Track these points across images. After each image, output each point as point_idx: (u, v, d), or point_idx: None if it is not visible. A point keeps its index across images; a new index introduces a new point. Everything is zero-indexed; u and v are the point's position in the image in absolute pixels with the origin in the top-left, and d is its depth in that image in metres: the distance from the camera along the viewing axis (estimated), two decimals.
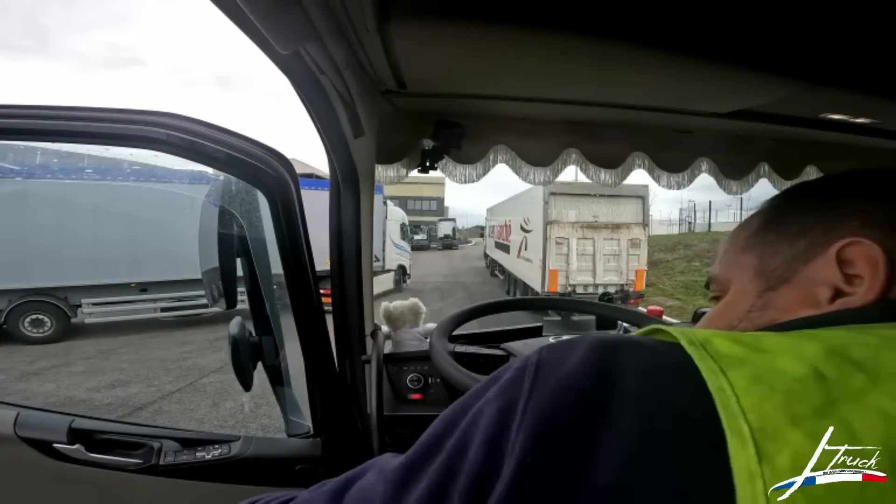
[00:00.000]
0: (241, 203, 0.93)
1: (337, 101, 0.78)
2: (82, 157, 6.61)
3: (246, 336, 0.98)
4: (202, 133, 0.73)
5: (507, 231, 11.84)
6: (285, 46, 0.52)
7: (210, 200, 0.91)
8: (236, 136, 0.77)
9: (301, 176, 0.90)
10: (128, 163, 6.32)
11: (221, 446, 1.00)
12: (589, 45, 0.72)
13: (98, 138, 0.73)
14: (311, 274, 0.91)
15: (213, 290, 0.89)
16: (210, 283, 0.89)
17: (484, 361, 1.06)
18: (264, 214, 0.89)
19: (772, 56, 0.75)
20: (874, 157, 1.44)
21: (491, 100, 1.07)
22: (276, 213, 0.82)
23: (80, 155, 6.55)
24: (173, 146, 0.71)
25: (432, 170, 1.21)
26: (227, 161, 0.76)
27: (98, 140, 0.74)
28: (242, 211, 0.92)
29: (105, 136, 0.72)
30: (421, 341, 1.32)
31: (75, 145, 4.22)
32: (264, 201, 0.83)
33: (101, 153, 4.40)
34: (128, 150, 0.74)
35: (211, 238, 0.86)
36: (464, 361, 0.96)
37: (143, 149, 0.72)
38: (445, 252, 26.52)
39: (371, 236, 1.12)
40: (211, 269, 0.88)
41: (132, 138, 0.71)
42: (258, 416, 4.29)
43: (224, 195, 0.94)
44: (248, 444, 1.02)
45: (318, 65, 0.65)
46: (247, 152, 0.78)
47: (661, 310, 1.69)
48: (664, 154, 1.32)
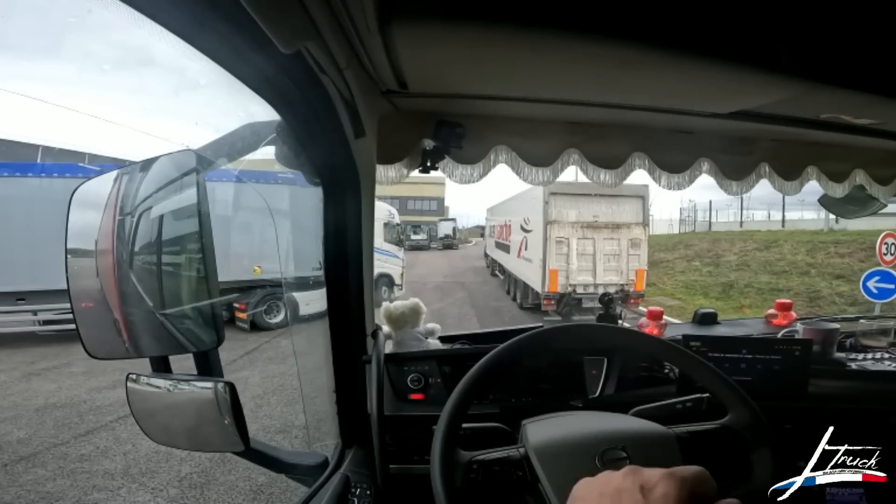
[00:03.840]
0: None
1: (338, 100, 0.78)
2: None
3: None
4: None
5: (507, 231, 11.84)
6: (287, 46, 0.52)
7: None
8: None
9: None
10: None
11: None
12: (590, 46, 0.72)
13: None
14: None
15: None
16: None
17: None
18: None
19: (772, 57, 0.75)
20: (874, 158, 1.44)
21: (492, 100, 1.07)
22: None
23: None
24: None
25: (433, 170, 1.21)
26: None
27: None
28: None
29: None
30: (421, 341, 1.33)
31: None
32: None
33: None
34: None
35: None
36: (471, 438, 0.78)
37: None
38: (445, 252, 26.52)
39: (372, 236, 1.12)
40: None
41: None
42: (258, 416, 4.29)
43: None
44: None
45: (319, 64, 0.65)
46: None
47: (661, 310, 1.68)
48: (665, 154, 1.32)
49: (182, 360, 0.71)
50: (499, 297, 11.69)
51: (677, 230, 20.87)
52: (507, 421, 0.88)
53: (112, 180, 0.67)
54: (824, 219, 13.24)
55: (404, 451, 1.08)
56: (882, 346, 1.45)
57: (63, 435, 4.10)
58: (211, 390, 0.68)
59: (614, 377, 1.18)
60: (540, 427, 0.75)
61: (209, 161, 0.77)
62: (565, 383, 1.18)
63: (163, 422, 0.74)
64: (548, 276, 8.55)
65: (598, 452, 0.65)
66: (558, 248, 8.54)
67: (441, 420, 0.69)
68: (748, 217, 18.26)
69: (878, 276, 5.12)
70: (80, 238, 0.69)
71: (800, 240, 13.06)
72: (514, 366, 1.16)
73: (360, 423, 1.06)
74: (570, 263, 8.57)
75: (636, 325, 1.78)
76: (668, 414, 0.82)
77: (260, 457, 0.90)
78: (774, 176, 1.40)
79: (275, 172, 2.41)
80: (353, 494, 0.95)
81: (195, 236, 0.64)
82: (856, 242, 11.38)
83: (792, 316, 1.70)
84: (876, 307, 5.06)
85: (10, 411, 4.58)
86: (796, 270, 11.74)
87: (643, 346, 0.95)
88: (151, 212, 0.68)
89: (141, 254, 0.68)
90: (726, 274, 12.97)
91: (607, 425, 0.72)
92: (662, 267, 14.52)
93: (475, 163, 1.24)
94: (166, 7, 0.47)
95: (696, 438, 0.70)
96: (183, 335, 0.69)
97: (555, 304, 8.76)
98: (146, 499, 3.19)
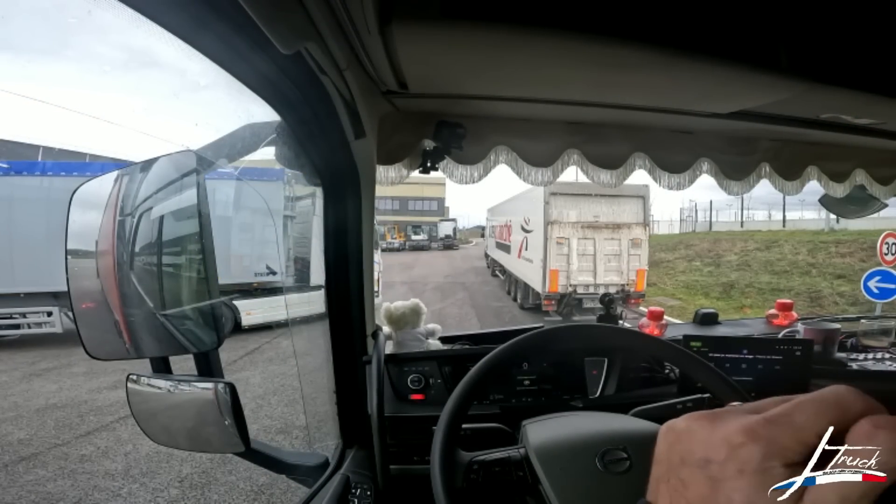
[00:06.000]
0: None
1: (338, 101, 0.78)
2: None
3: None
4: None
5: (507, 231, 11.83)
6: (287, 47, 0.52)
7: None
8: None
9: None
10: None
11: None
12: (590, 47, 0.72)
13: None
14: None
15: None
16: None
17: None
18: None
19: (772, 57, 0.75)
20: (874, 158, 1.44)
21: (492, 100, 1.07)
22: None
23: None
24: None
25: (433, 170, 1.21)
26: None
27: None
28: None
29: None
30: (421, 342, 1.33)
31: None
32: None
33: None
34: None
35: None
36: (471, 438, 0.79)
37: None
38: (446, 252, 26.53)
39: (372, 237, 1.12)
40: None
41: None
42: (259, 417, 4.29)
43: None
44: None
45: (319, 65, 0.66)
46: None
47: (662, 310, 1.68)
48: (665, 154, 1.32)
49: (182, 361, 0.71)
50: (499, 297, 11.69)
51: (678, 230, 20.86)
52: (508, 421, 0.88)
53: (112, 181, 0.67)
54: (825, 219, 13.24)
55: (405, 451, 1.08)
56: (883, 345, 1.45)
57: (64, 435, 4.10)
58: (211, 391, 0.68)
59: (615, 377, 1.18)
60: (540, 427, 0.74)
61: (209, 162, 0.77)
62: (566, 383, 1.18)
63: (163, 422, 0.74)
64: (548, 276, 8.54)
65: (598, 453, 0.65)
66: (559, 249, 8.53)
67: (441, 420, 0.69)
68: (749, 217, 18.28)
69: (880, 276, 5.11)
70: (80, 239, 0.69)
71: (801, 240, 13.05)
72: (515, 366, 1.16)
73: (361, 423, 1.06)
74: (571, 264, 8.56)
75: (637, 326, 1.78)
76: (669, 414, 0.81)
77: (260, 457, 0.90)
78: (775, 176, 1.40)
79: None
80: (354, 495, 0.95)
81: (195, 237, 0.64)
82: (857, 242, 11.37)
83: (793, 316, 1.70)
84: (877, 307, 5.06)
85: (11, 412, 4.58)
86: (797, 270, 11.73)
87: (644, 346, 0.95)
88: (152, 212, 0.68)
89: (141, 254, 0.68)
90: (727, 274, 12.96)
91: (608, 426, 0.72)
92: (663, 267, 14.51)
93: (475, 163, 1.24)
94: (167, 8, 0.47)
95: None
96: (183, 336, 0.69)
97: (555, 305, 8.75)
98: (147, 499, 3.19)
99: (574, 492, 0.63)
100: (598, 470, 0.63)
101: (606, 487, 0.63)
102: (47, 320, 6.80)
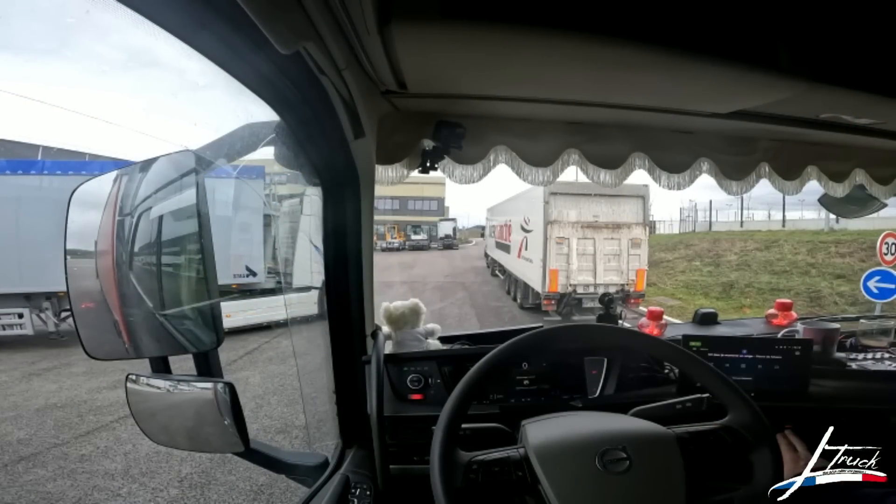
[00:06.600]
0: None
1: (337, 101, 0.78)
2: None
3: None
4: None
5: (507, 231, 11.83)
6: (286, 47, 0.52)
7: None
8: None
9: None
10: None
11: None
12: (590, 46, 0.72)
13: None
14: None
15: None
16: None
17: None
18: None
19: (772, 56, 0.75)
20: (874, 158, 1.44)
21: (491, 100, 1.07)
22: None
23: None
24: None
25: (433, 170, 1.21)
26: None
27: None
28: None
29: None
30: (421, 342, 1.32)
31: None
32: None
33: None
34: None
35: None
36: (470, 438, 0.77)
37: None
38: (446, 252, 26.53)
39: (371, 237, 1.11)
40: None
41: None
42: (258, 417, 4.30)
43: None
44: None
45: (319, 65, 0.65)
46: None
47: (661, 310, 1.68)
48: (665, 154, 1.31)
49: (182, 361, 0.71)
50: (499, 297, 11.69)
51: (677, 230, 20.87)
52: (507, 421, 0.88)
53: (111, 181, 0.67)
54: (825, 218, 13.24)
55: (404, 451, 1.08)
56: (882, 345, 1.45)
57: (63, 435, 4.10)
58: (211, 391, 0.68)
59: (614, 377, 1.18)
60: (540, 427, 0.74)
61: (208, 161, 0.77)
62: (565, 383, 1.18)
63: (163, 422, 0.74)
64: (548, 276, 8.54)
65: (597, 453, 0.65)
66: (558, 248, 8.54)
67: (441, 420, 0.69)
68: (748, 217, 18.28)
69: (879, 276, 5.11)
70: (79, 239, 0.69)
71: (800, 239, 13.05)
72: (514, 366, 1.16)
73: (360, 423, 1.06)
74: (571, 263, 8.56)
75: (636, 326, 1.78)
76: (668, 414, 0.82)
77: (260, 457, 0.90)
78: (775, 176, 1.40)
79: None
80: (353, 495, 0.95)
81: (194, 237, 0.64)
82: (856, 242, 11.38)
83: (792, 316, 1.70)
84: (876, 307, 5.06)
85: (11, 411, 4.58)
86: (797, 270, 11.74)
87: (643, 346, 0.96)
88: (151, 212, 0.68)
89: (140, 254, 0.68)
90: (727, 274, 12.97)
91: (607, 425, 0.72)
92: (663, 267, 14.52)
93: (475, 163, 1.24)
94: (165, 8, 0.47)
95: (696, 439, 0.70)
96: (182, 336, 0.69)
97: (555, 305, 8.76)
98: (146, 499, 3.19)
99: (573, 491, 0.63)
100: (597, 470, 0.64)
101: (606, 487, 0.63)
102: (18, 322, 6.74)
